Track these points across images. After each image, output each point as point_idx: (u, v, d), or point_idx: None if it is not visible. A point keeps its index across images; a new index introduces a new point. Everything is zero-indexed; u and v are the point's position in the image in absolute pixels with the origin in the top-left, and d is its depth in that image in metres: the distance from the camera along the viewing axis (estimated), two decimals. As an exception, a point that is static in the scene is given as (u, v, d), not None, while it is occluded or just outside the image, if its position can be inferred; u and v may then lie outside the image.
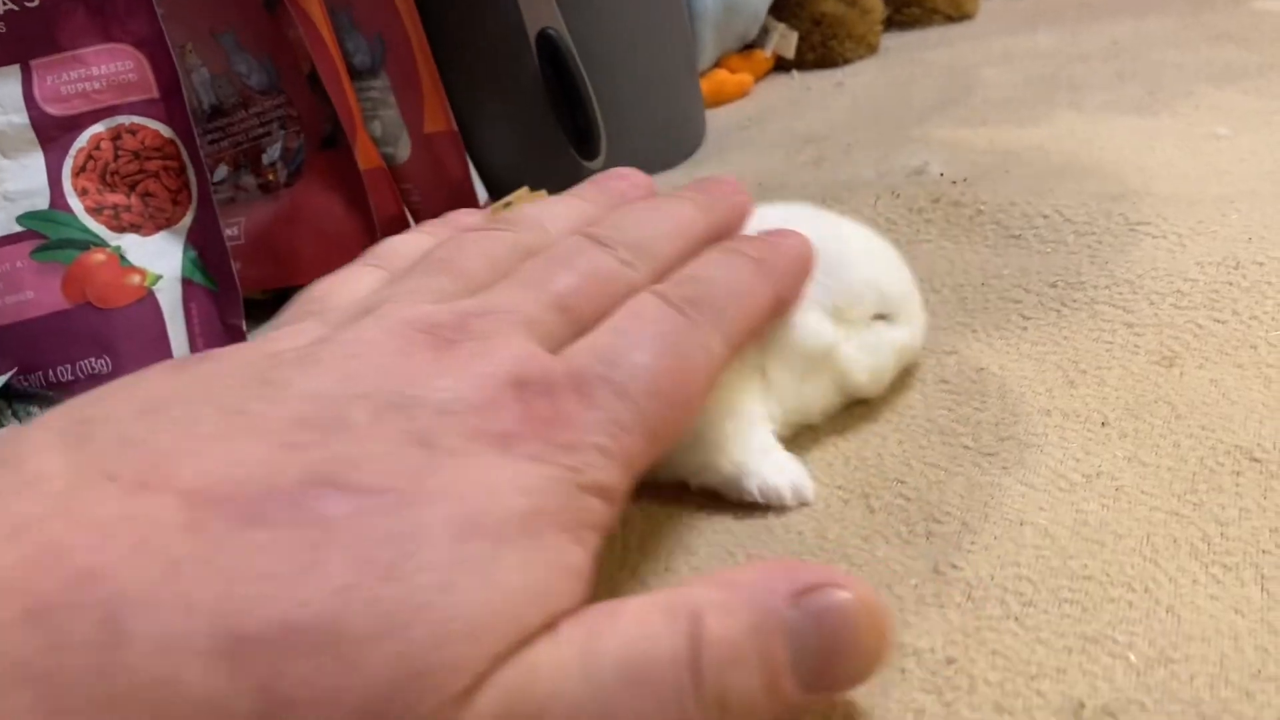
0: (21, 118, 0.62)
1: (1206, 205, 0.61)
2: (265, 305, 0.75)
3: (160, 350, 0.66)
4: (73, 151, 0.63)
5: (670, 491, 0.46)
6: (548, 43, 0.74)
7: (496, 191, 0.79)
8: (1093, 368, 0.50)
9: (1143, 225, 0.60)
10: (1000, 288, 0.58)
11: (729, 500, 0.45)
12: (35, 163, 0.63)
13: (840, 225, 0.50)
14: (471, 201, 0.77)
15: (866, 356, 0.48)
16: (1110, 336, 0.52)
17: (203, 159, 0.65)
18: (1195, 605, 0.37)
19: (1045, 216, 0.63)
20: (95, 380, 0.64)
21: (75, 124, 0.63)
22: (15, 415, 0.62)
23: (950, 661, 0.36)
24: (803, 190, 0.74)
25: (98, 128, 0.64)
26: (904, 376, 0.52)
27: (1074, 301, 0.55)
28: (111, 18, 0.63)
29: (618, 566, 0.43)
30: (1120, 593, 0.38)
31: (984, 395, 0.50)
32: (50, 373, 0.64)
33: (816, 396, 0.48)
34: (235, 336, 0.68)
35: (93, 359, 0.64)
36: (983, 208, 0.65)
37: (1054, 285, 0.57)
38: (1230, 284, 0.53)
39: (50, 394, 0.62)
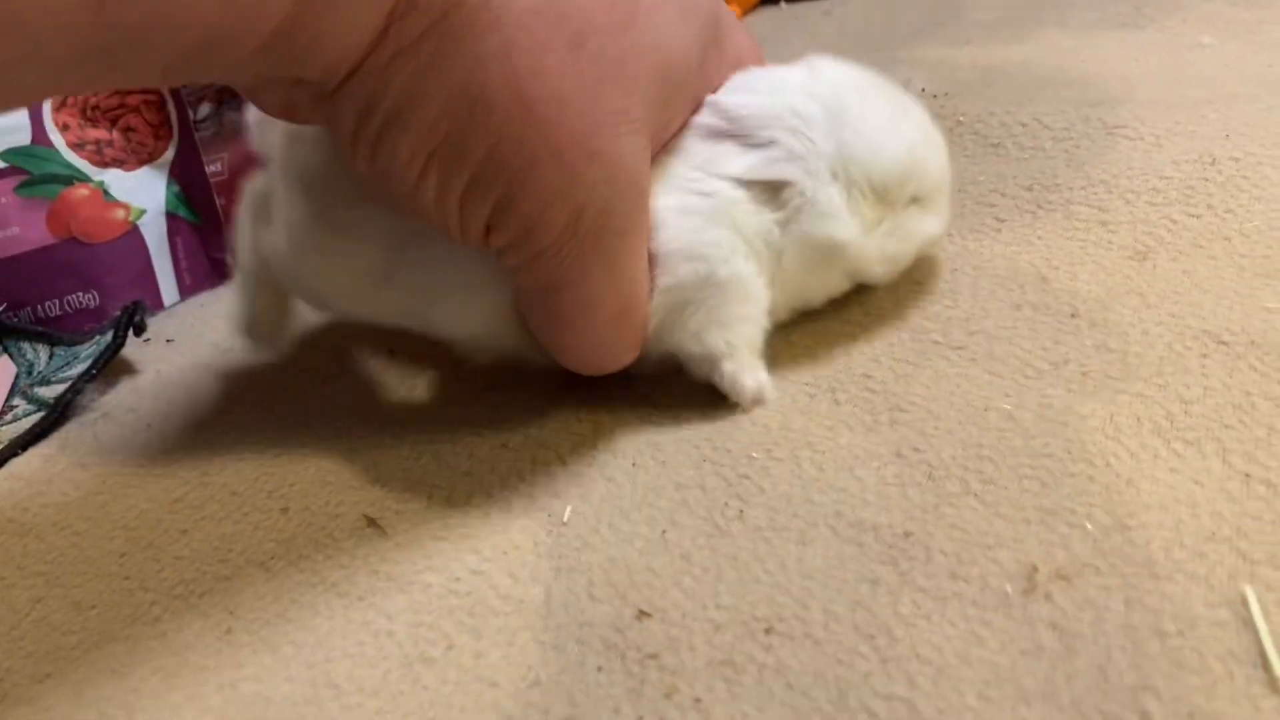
0: (0, 54, 0.62)
1: (1185, 108, 0.60)
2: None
3: (147, 284, 0.66)
4: (52, 87, 0.64)
5: (639, 397, 0.47)
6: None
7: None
8: (1065, 264, 0.50)
9: (1120, 129, 0.59)
10: (976, 194, 0.57)
11: (694, 401, 0.45)
12: (15, 99, 0.63)
13: (897, 99, 0.48)
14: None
15: (892, 244, 0.46)
16: (1084, 235, 0.52)
17: (183, 94, 0.66)
18: (1155, 478, 0.37)
19: (1024, 125, 0.63)
20: (84, 315, 0.65)
21: (53, 59, 0.64)
22: (6, 350, 0.63)
23: (907, 535, 0.36)
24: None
25: (76, 63, 0.64)
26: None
27: (1049, 203, 0.55)
28: (84, -49, 0.63)
29: (586, 465, 0.43)
30: (1081, 468, 0.38)
31: (955, 294, 0.50)
32: (39, 308, 0.64)
33: (827, 284, 0.47)
34: (220, 269, 0.68)
35: (80, 293, 0.64)
36: (962, 119, 0.65)
37: (1030, 189, 0.56)
38: (1206, 179, 0.53)
39: (40, 329, 0.63)
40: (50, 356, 0.61)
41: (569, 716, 0.32)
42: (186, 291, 0.68)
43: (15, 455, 0.51)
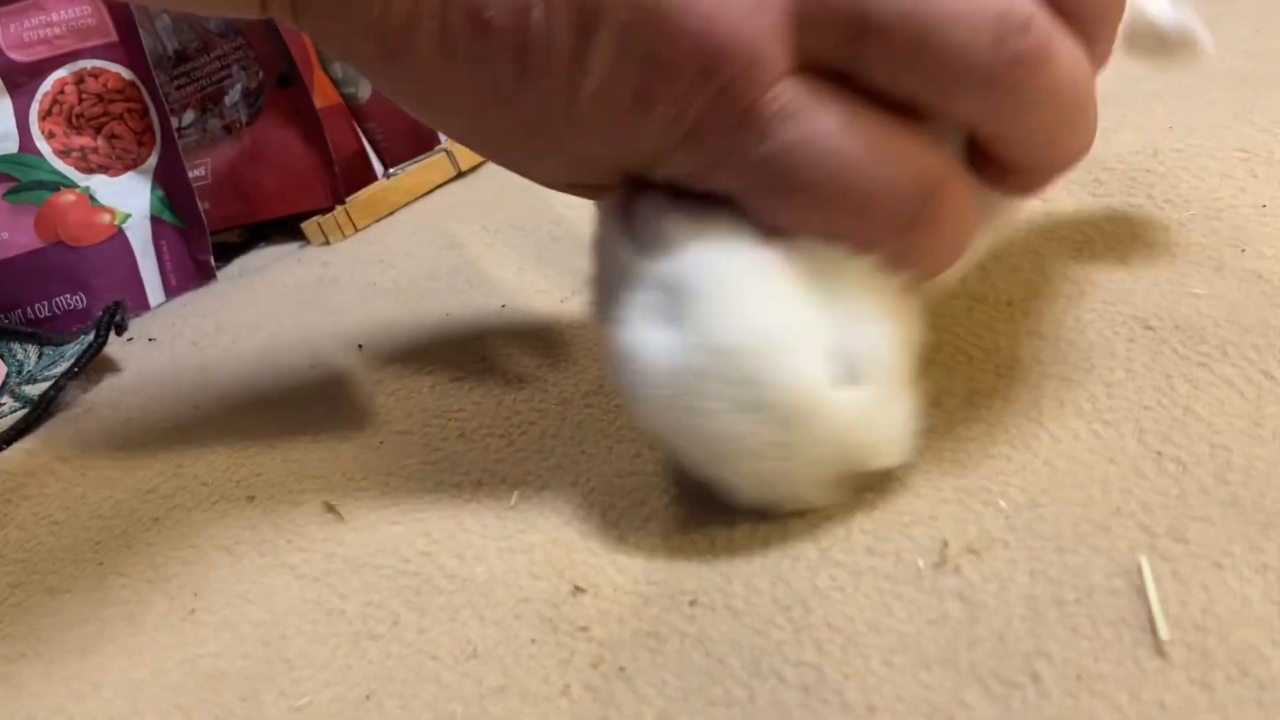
0: (-12, 65, 0.65)
1: (1135, 102, 0.62)
2: (240, 247, 0.78)
3: (133, 286, 0.69)
4: (38, 96, 0.66)
5: (591, 382, 0.49)
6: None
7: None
8: (1006, 255, 0.52)
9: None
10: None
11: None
12: (3, 108, 0.66)
13: None
14: (433, 139, 0.79)
15: None
16: (1028, 226, 0.53)
17: (164, 101, 0.68)
18: (1072, 457, 0.39)
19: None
20: (72, 316, 0.67)
21: (39, 69, 0.66)
22: (-2, 352, 0.65)
23: (829, 517, 0.38)
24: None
25: (61, 72, 0.67)
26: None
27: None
28: (66, -35, 0.65)
29: (534, 451, 0.45)
30: (1001, 450, 0.39)
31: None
32: (29, 310, 0.67)
33: None
34: (205, 273, 0.71)
35: (68, 295, 0.67)
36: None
37: (979, 182, 0.58)
38: (1148, 170, 0.55)
39: (30, 330, 0.65)
40: (39, 356, 0.64)
41: (501, 686, 0.34)
42: (172, 292, 0.70)
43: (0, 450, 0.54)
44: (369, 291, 0.65)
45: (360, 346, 0.58)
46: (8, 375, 0.63)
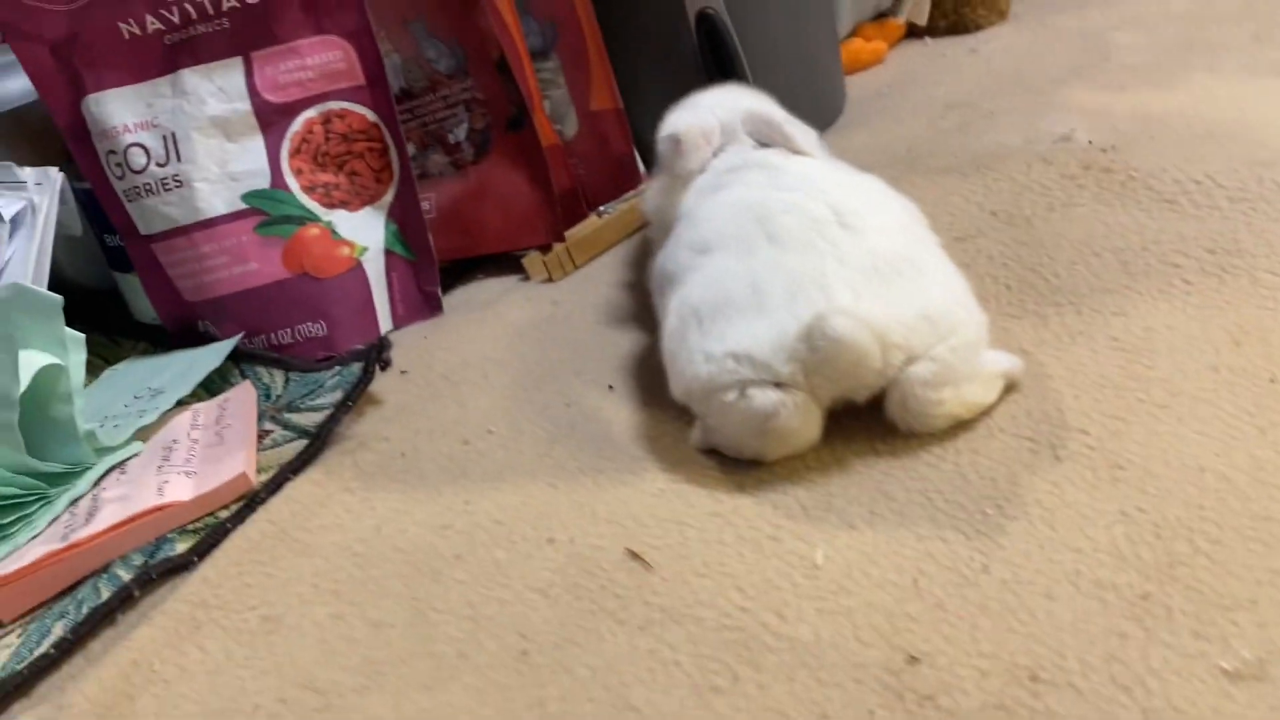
0: (245, 105, 0.69)
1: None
2: (456, 278, 0.81)
3: (367, 315, 0.72)
4: (289, 135, 0.70)
5: (863, 442, 0.51)
6: (706, 22, 0.78)
7: (653, 166, 0.83)
8: (1257, 329, 0.53)
9: (1297, 191, 0.63)
10: (1160, 253, 0.61)
11: (921, 450, 0.50)
12: (256, 146, 0.69)
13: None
14: (633, 176, 0.81)
15: None
16: (1273, 302, 0.55)
17: (404, 141, 0.71)
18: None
19: (1197, 182, 0.66)
20: (312, 343, 0.71)
21: (291, 110, 0.70)
22: (242, 374, 0.69)
23: (1146, 596, 0.40)
24: (951, 157, 0.77)
25: (310, 113, 0.70)
26: (1073, 334, 0.56)
27: (1234, 268, 0.58)
28: (324, 12, 0.69)
29: (824, 510, 0.48)
30: (1307, 538, 0.42)
31: (1153, 353, 0.53)
32: (272, 336, 0.70)
33: None
34: (432, 304, 0.74)
35: (309, 323, 0.70)
36: (1134, 174, 0.68)
37: (1212, 252, 0.60)
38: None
39: (275, 355, 0.69)
40: (286, 382, 0.67)
41: (861, 748, 0.37)
42: (399, 321, 0.74)
43: (288, 480, 0.57)
44: (601, 329, 0.67)
45: (611, 388, 0.61)
46: (260, 399, 0.66)
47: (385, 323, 0.73)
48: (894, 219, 0.54)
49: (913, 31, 1.09)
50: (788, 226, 0.52)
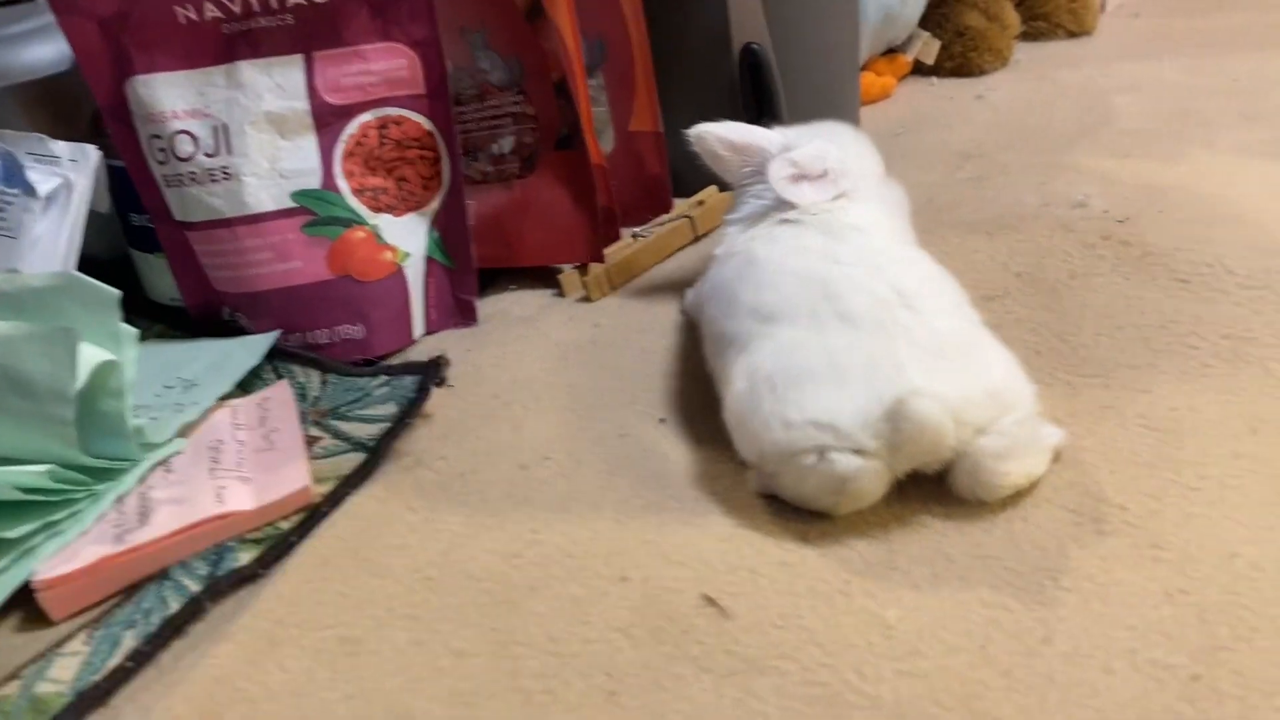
0: (302, 104, 0.68)
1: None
2: (484, 285, 0.81)
3: (403, 320, 0.73)
4: (343, 137, 0.69)
5: (917, 501, 0.54)
6: (750, 55, 0.80)
7: (685, 190, 0.85)
8: (1271, 420, 0.58)
9: (1300, 286, 0.68)
10: (1178, 332, 0.65)
11: (974, 514, 0.53)
12: (309, 145, 0.69)
13: None
14: (665, 198, 0.83)
15: None
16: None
17: (459, 152, 0.72)
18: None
19: (1209, 265, 0.71)
20: (349, 345, 0.71)
21: (348, 112, 0.69)
22: (277, 372, 0.69)
23: (1196, 678, 0.44)
24: (973, 213, 0.81)
25: (366, 116, 0.70)
26: (1103, 409, 0.60)
27: (1247, 355, 0.63)
28: (393, 20, 0.68)
29: (887, 568, 0.51)
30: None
31: (1179, 435, 0.58)
32: (309, 335, 0.70)
33: None
34: (467, 312, 0.75)
35: (348, 325, 0.70)
36: (1149, 250, 0.73)
37: (1227, 337, 0.65)
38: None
39: (311, 355, 0.69)
40: (322, 383, 0.68)
41: (953, 810, 0.40)
42: (432, 327, 0.74)
43: (347, 494, 0.58)
44: (646, 357, 0.69)
45: (663, 420, 0.63)
46: (298, 400, 0.66)
47: (419, 328, 0.74)
48: (949, 300, 0.58)
49: (918, 69, 1.12)
50: (857, 306, 0.56)
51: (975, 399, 0.52)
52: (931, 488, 0.55)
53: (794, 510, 0.55)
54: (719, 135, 0.67)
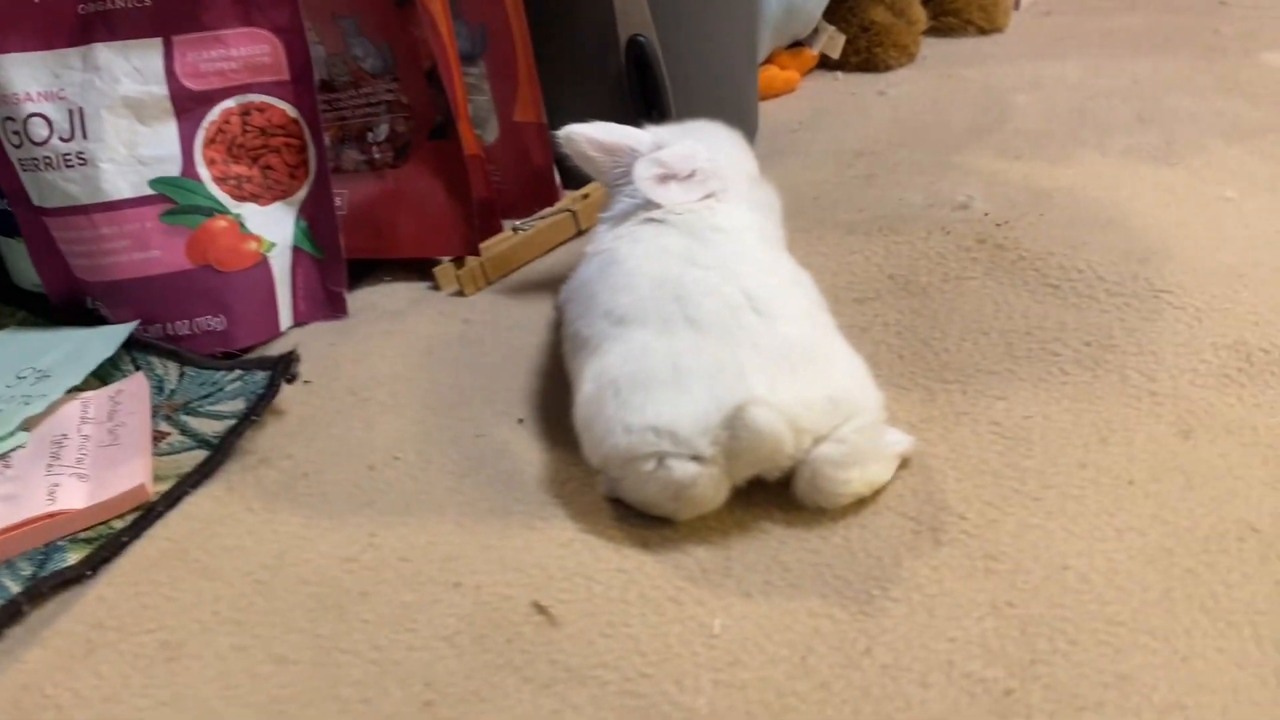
0: (161, 89, 0.66)
1: (1219, 277, 0.69)
2: (351, 271, 0.79)
3: (268, 312, 0.71)
4: (205, 124, 0.68)
5: (760, 506, 0.54)
6: (636, 48, 0.79)
7: (576, 183, 0.83)
8: (1121, 429, 0.59)
9: (1165, 293, 0.68)
10: (1041, 338, 0.66)
11: (814, 521, 0.53)
12: (169, 131, 0.67)
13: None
14: (551, 190, 0.82)
15: None
16: (1137, 403, 0.60)
17: (324, 139, 0.70)
18: (1205, 657, 0.46)
19: (1080, 270, 0.71)
20: (210, 337, 0.69)
21: (209, 99, 0.67)
22: (135, 363, 0.67)
23: (1009, 693, 0.45)
24: (857, 212, 0.80)
25: (229, 103, 0.68)
26: (958, 414, 0.60)
27: (1106, 363, 0.63)
28: (254, 5, 0.66)
29: (722, 575, 0.51)
30: (1145, 640, 0.46)
31: (1029, 443, 0.58)
32: (169, 326, 0.69)
33: None
34: (336, 304, 0.73)
35: (209, 317, 0.69)
36: (1024, 254, 0.73)
37: (1088, 344, 0.65)
38: (1240, 369, 0.62)
39: (170, 347, 0.67)
40: (180, 376, 0.66)
41: (751, 827, 0.40)
42: (300, 317, 0.73)
43: (186, 494, 0.57)
44: (512, 355, 0.68)
45: (521, 421, 0.62)
46: (153, 392, 0.65)
47: (286, 319, 0.72)
48: (800, 306, 0.58)
49: (824, 63, 1.12)
50: (706, 310, 0.55)
51: (816, 406, 0.52)
52: (776, 494, 0.54)
53: (639, 515, 0.55)
54: (588, 136, 0.66)
